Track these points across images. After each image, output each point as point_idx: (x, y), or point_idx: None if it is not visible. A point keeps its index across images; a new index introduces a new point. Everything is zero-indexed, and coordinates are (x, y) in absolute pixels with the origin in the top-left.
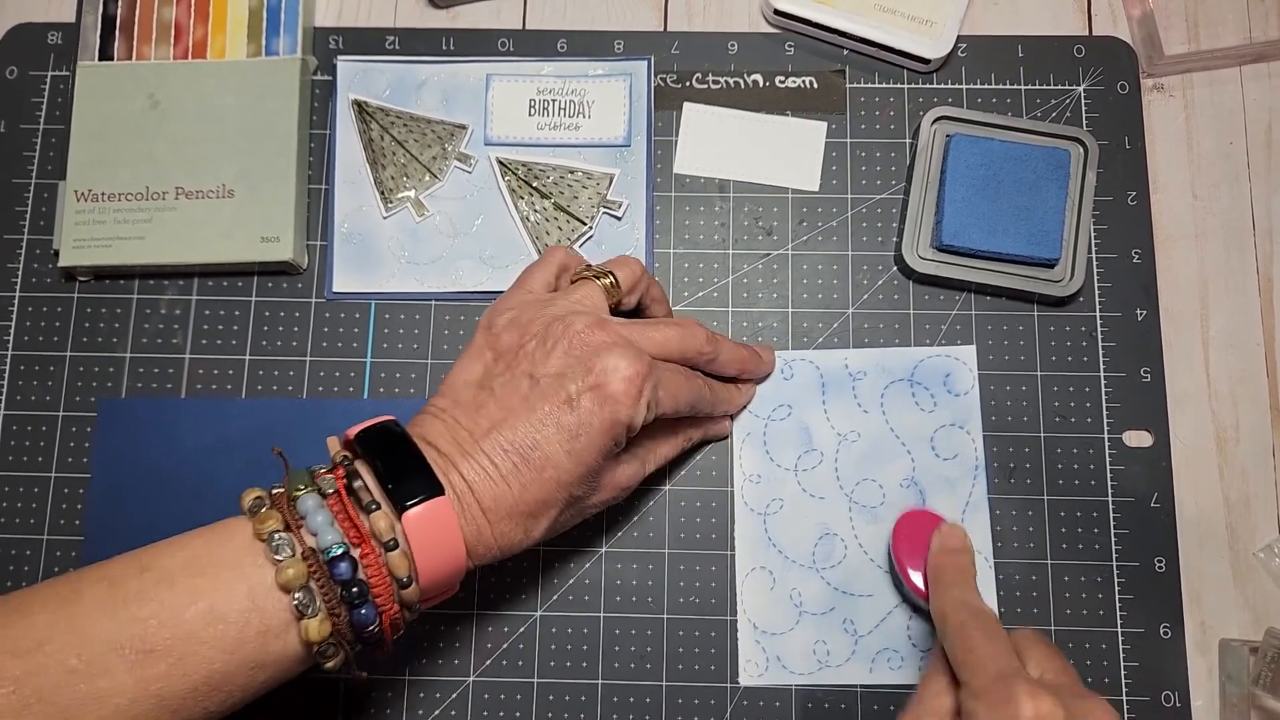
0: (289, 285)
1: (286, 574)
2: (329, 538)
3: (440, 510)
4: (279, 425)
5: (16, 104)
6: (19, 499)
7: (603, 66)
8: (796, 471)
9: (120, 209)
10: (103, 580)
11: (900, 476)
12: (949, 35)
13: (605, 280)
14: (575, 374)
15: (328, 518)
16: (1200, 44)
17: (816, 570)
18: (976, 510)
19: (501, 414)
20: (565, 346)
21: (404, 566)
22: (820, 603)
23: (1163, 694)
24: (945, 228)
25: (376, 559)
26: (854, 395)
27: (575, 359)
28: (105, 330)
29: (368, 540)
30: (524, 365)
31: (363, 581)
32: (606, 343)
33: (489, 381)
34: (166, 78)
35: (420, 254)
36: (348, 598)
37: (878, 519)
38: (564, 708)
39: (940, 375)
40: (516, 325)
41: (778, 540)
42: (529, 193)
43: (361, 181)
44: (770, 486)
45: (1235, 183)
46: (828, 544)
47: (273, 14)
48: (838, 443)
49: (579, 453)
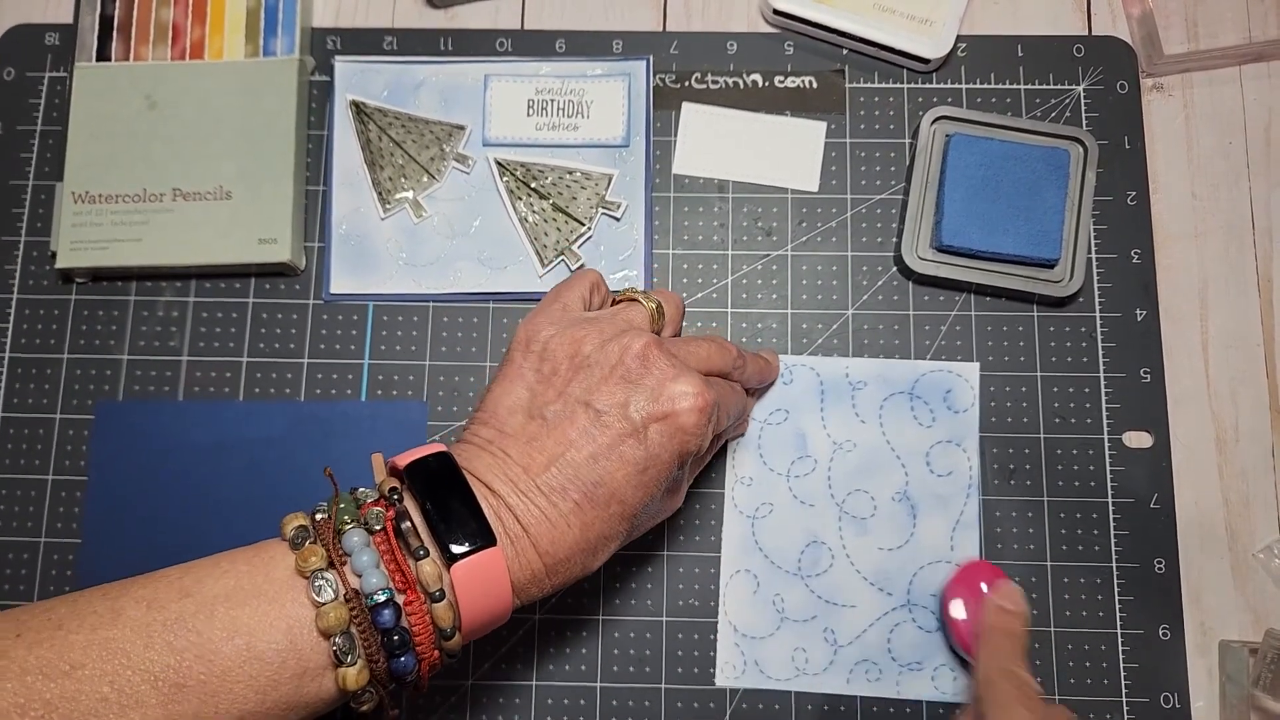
0: (286, 287)
1: (328, 619)
2: (374, 581)
3: (491, 561)
4: (276, 428)
5: (14, 105)
6: (16, 501)
7: (601, 66)
8: (789, 477)
9: (118, 210)
10: (143, 601)
11: (893, 490)
12: (948, 35)
13: (651, 305)
14: (639, 403)
15: (374, 558)
16: (1200, 44)
17: (801, 578)
18: (968, 529)
19: (559, 448)
20: (624, 372)
21: (449, 618)
22: (803, 610)
23: (1162, 695)
24: (945, 228)
25: (421, 608)
26: (853, 404)
27: (637, 387)
28: (103, 332)
29: (413, 587)
30: (577, 391)
31: (405, 630)
32: (668, 368)
33: (539, 409)
34: (164, 79)
35: (418, 255)
36: (388, 645)
37: (867, 530)
38: (562, 710)
39: (941, 391)
40: (563, 345)
41: (764, 545)
42: (527, 193)
43: (359, 182)
44: (761, 490)
45: (1235, 182)
46: (815, 552)
47: (270, 14)
48: (832, 451)
49: (647, 484)
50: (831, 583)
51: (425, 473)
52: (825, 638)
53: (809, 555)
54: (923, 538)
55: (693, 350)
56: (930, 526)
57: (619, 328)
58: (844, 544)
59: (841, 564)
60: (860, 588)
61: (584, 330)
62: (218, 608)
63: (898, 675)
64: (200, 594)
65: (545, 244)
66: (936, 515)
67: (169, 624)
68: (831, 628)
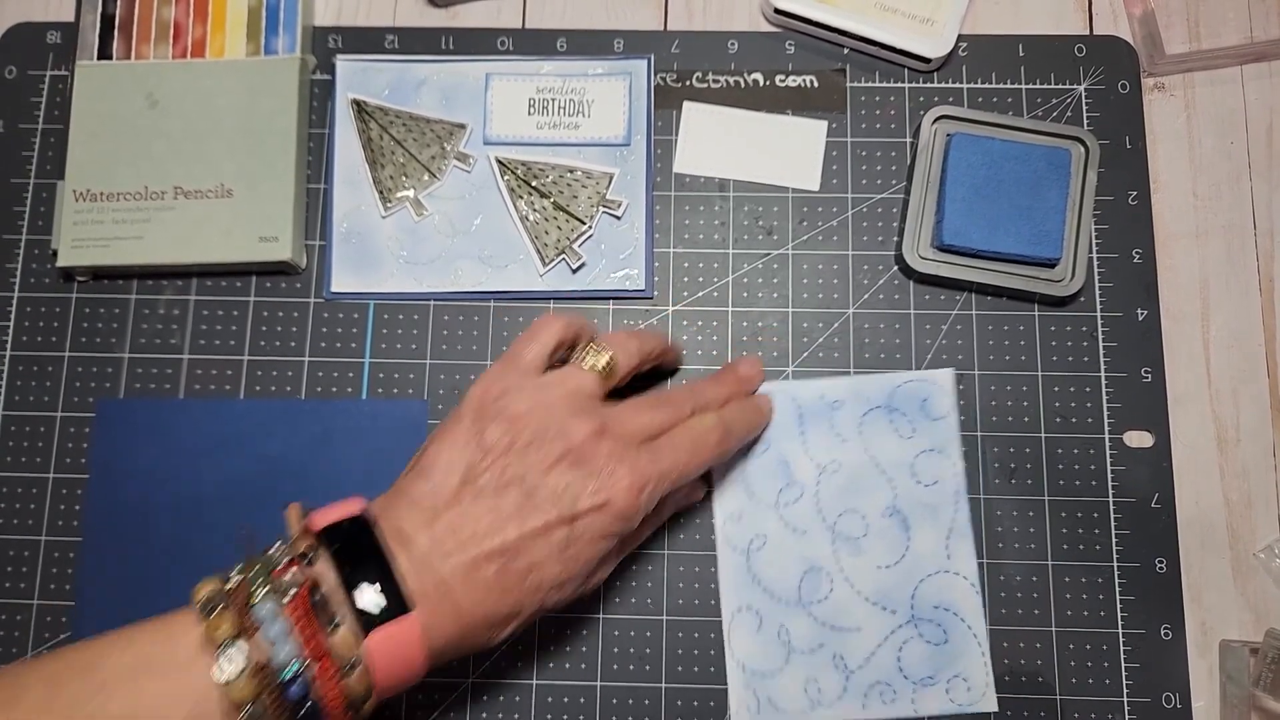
0: (287, 285)
1: (236, 692)
2: (283, 653)
3: (407, 629)
4: (277, 426)
5: (15, 103)
6: (17, 499)
7: (602, 65)
8: (778, 506)
9: (119, 209)
10: (44, 681)
11: (882, 505)
12: (950, 34)
13: (602, 363)
14: (574, 489)
15: (285, 628)
16: (1201, 43)
17: (803, 606)
18: (961, 536)
19: (490, 521)
20: (562, 458)
21: (362, 686)
22: (809, 640)
23: (1164, 695)
24: (946, 227)
25: (333, 678)
26: (832, 425)
27: (574, 473)
28: (104, 330)
29: (327, 657)
30: (515, 468)
31: (315, 703)
32: (606, 455)
33: (476, 477)
34: (165, 77)
35: (419, 254)
36: (292, 714)
37: (862, 550)
38: (562, 709)
39: (918, 400)
40: (508, 419)
41: (762, 578)
42: (528, 192)
43: (360, 181)
44: (752, 524)
45: (1236, 182)
46: (814, 579)
47: (272, 13)
48: (818, 474)
49: (569, 562)
50: (834, 608)
51: (342, 537)
52: (835, 665)
53: (808, 583)
54: (918, 550)
55: (639, 421)
56: (925, 538)
57: (564, 408)
58: (841, 567)
59: (841, 588)
60: (863, 609)
61: (531, 402)
62: (122, 682)
63: (912, 693)
64: (104, 666)
65: (546, 243)
66: (929, 526)
67: (71, 702)
68: (840, 653)
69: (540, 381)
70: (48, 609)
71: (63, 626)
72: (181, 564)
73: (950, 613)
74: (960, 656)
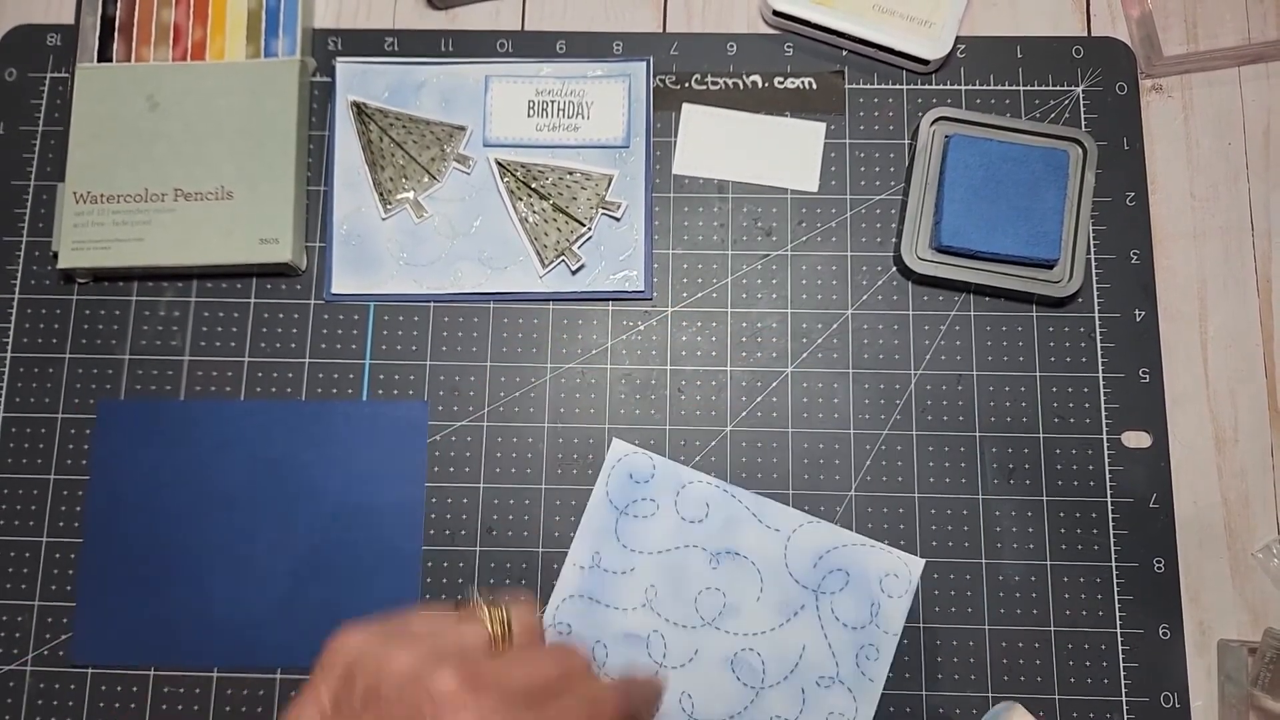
0: (288, 287)
1: None
2: None
3: None
4: (278, 427)
5: (16, 105)
6: (18, 500)
7: (601, 67)
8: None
9: (119, 211)
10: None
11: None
12: (948, 36)
13: (496, 623)
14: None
15: None
16: (1199, 45)
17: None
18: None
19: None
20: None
21: None
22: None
23: (1162, 695)
24: (944, 228)
25: None
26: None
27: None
28: (104, 332)
29: None
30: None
31: None
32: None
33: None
34: (165, 79)
35: (419, 255)
36: None
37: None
38: None
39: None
40: (365, 669)
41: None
42: (528, 194)
43: (360, 183)
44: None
45: (1234, 183)
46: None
47: (272, 16)
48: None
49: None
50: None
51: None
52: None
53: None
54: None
55: (517, 672)
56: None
57: (437, 657)
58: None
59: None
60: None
61: (394, 654)
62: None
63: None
64: None
65: (545, 244)
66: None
67: None
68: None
69: (413, 631)
70: (48, 609)
71: (64, 627)
72: (181, 565)
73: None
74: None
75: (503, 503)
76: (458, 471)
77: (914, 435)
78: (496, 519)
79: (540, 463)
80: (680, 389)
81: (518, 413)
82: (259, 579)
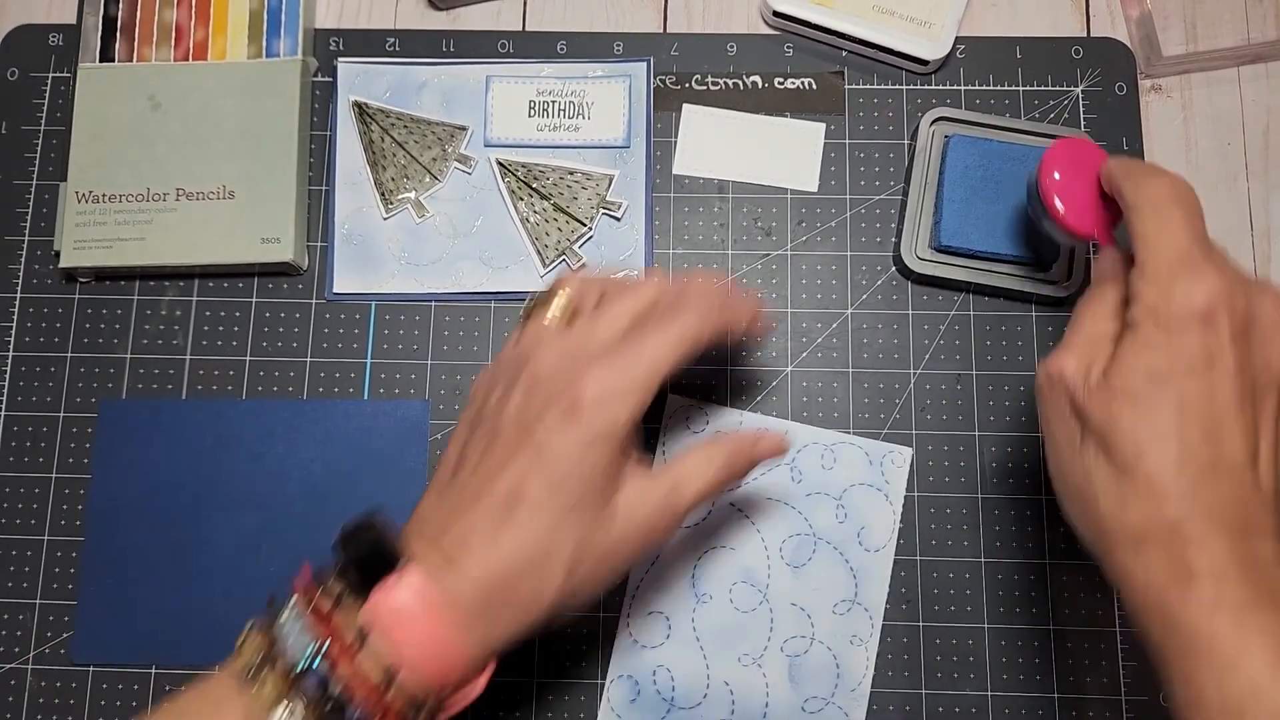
0: (289, 286)
1: (263, 698)
2: (296, 651)
3: (407, 587)
4: (279, 426)
5: (17, 105)
6: (20, 500)
7: (602, 68)
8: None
9: (121, 210)
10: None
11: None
12: (947, 36)
13: (548, 309)
14: (538, 406)
15: (301, 628)
16: (1198, 45)
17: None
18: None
19: (480, 476)
20: (524, 383)
21: (379, 661)
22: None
23: (1162, 695)
24: (944, 228)
25: (351, 659)
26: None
27: (531, 394)
28: (106, 331)
29: (340, 639)
30: (490, 421)
31: (335, 695)
32: (566, 362)
33: (468, 451)
34: (167, 79)
35: (420, 255)
36: (326, 713)
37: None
38: (563, 708)
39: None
40: (483, 385)
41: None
42: (529, 194)
43: (362, 183)
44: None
45: (1233, 183)
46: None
47: (273, 16)
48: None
49: (566, 479)
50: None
51: (348, 529)
52: None
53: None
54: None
55: (600, 328)
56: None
57: (523, 350)
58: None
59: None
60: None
61: (492, 371)
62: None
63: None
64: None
65: (546, 244)
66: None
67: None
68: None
69: (505, 355)
70: (50, 608)
71: (65, 626)
72: (183, 564)
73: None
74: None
75: None
76: None
77: (914, 435)
78: None
79: None
80: (680, 387)
81: None
82: (261, 578)
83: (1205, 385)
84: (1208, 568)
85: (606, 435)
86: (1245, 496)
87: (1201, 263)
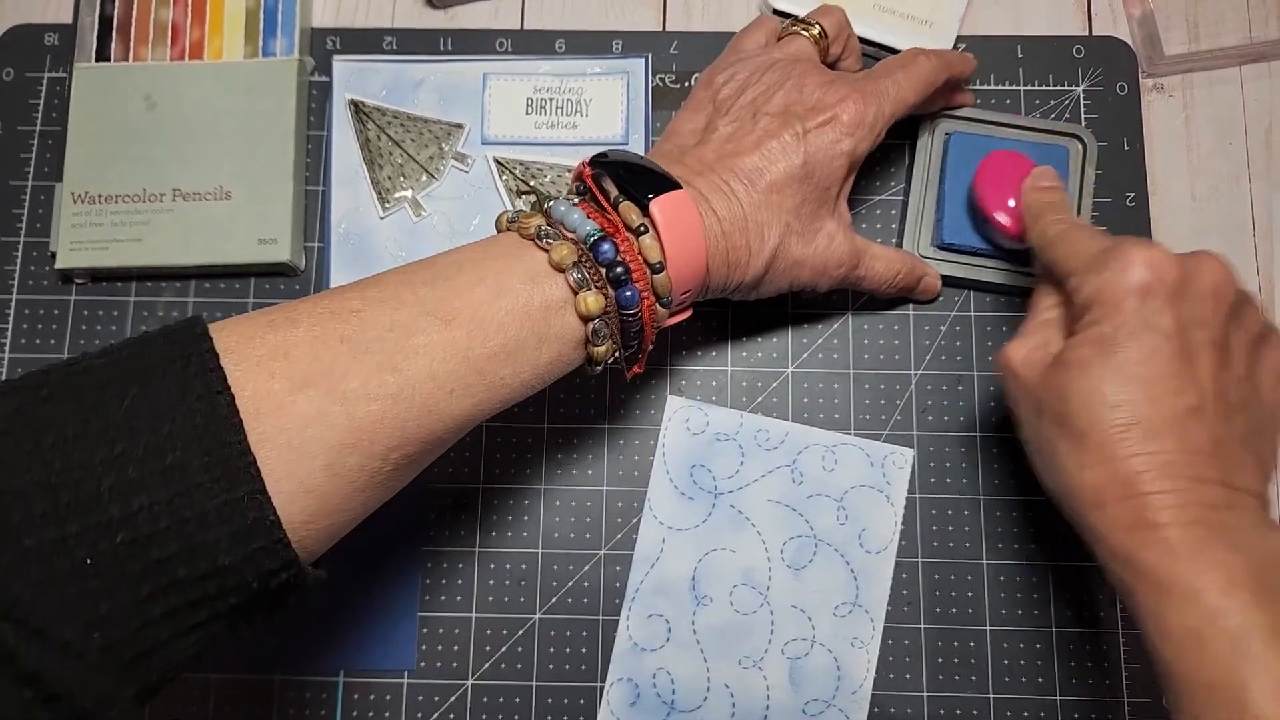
0: (287, 287)
1: (560, 253)
2: (587, 227)
3: (681, 199)
4: None
5: (13, 105)
6: None
7: (600, 65)
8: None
9: (117, 211)
10: (397, 272)
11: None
12: (948, 35)
13: (813, 31)
14: (801, 109)
15: (582, 215)
16: (1200, 44)
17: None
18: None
19: (730, 147)
20: (789, 86)
21: (655, 250)
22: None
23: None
24: (945, 226)
25: (630, 244)
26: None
27: (800, 97)
28: (102, 333)
29: (620, 230)
30: (745, 107)
31: (624, 262)
32: (830, 82)
33: (713, 128)
34: (163, 79)
35: (418, 254)
36: (613, 277)
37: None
38: (563, 711)
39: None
40: (736, 79)
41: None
42: (527, 192)
43: (358, 182)
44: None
45: (1235, 183)
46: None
47: (270, 15)
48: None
49: (803, 180)
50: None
51: (608, 156)
52: None
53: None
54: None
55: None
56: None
57: (789, 61)
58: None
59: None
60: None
61: (754, 63)
62: (463, 266)
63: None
64: (440, 263)
65: None
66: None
67: (424, 281)
68: None
69: (758, 54)
70: None
71: None
72: None
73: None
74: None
75: (502, 502)
76: (457, 471)
77: (914, 435)
78: (496, 519)
79: (540, 462)
80: (680, 389)
81: (517, 412)
82: None
83: (1147, 349)
84: (1164, 517)
85: (851, 156)
86: (1192, 448)
87: (1126, 246)
